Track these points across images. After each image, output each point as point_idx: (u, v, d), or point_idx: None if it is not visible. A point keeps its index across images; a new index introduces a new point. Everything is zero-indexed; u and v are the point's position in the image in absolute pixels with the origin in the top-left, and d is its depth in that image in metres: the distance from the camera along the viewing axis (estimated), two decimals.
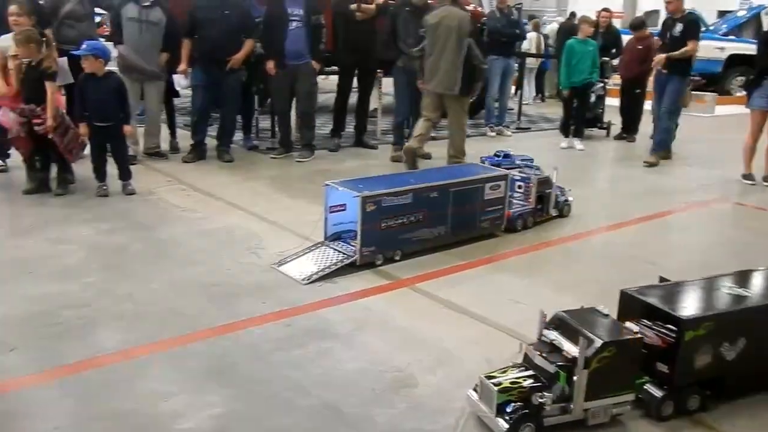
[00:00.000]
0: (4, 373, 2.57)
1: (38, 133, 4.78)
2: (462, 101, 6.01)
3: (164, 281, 3.50)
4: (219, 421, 2.33)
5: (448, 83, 5.79)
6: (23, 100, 4.78)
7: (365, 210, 3.71)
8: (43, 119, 4.74)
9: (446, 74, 5.78)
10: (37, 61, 4.75)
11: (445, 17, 5.77)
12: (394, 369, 2.71)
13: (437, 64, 5.82)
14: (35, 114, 4.74)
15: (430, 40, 5.84)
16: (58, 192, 5.00)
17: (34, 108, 4.75)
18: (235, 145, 6.75)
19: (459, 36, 5.69)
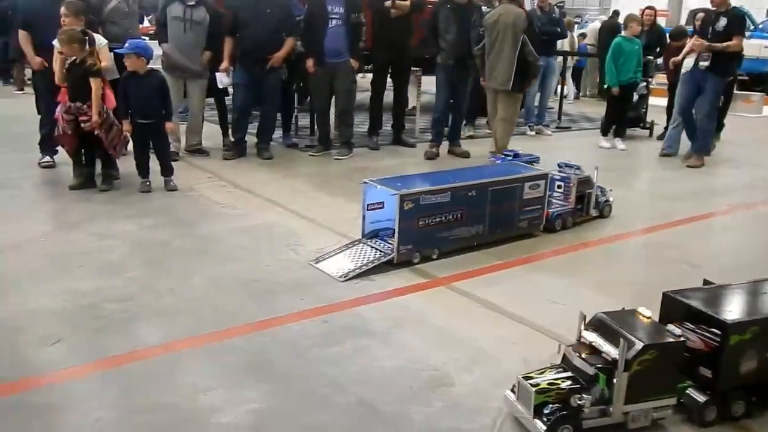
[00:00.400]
0: (48, 365, 2.65)
1: (85, 130, 4.92)
2: (514, 98, 6.36)
3: (204, 277, 3.56)
4: (256, 416, 2.35)
5: (503, 79, 6.16)
6: (69, 98, 4.92)
7: (403, 208, 3.70)
8: (89, 116, 4.87)
9: (502, 71, 6.14)
10: (80, 60, 4.89)
11: (502, 15, 6.13)
12: (431, 367, 2.70)
13: (495, 61, 6.20)
14: (81, 111, 4.88)
15: (489, 38, 6.21)
16: (102, 188, 5.13)
17: (81, 105, 4.88)
18: (274, 143, 6.82)
19: (514, 33, 6.02)
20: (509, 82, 6.11)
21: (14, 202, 4.84)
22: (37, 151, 5.79)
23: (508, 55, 6.07)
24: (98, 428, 2.26)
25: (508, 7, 6.19)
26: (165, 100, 5.16)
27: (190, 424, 2.29)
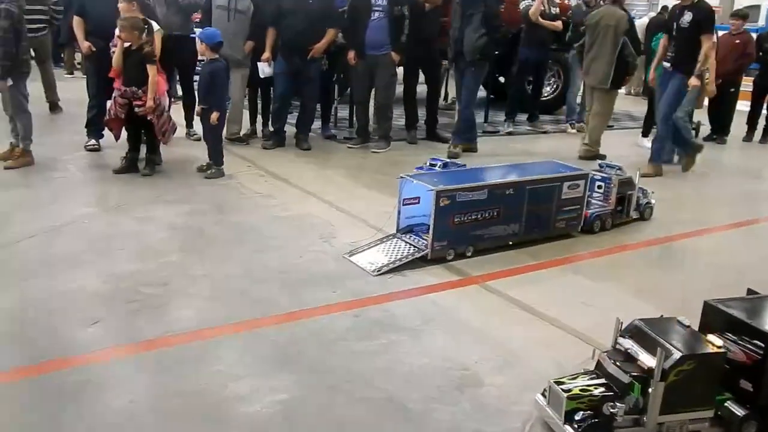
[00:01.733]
0: (86, 345, 2.71)
1: (137, 115, 5.04)
2: (611, 95, 6.73)
3: (238, 265, 3.59)
4: (283, 407, 2.36)
5: (601, 77, 6.51)
6: (124, 82, 5.06)
7: (439, 204, 3.67)
8: (143, 101, 5.00)
9: (600, 69, 6.50)
10: (138, 46, 5.01)
11: (604, 16, 6.52)
12: (460, 367, 2.67)
13: (594, 59, 6.57)
14: (136, 96, 5.01)
15: (589, 38, 6.63)
16: (144, 173, 5.23)
17: (136, 90, 5.01)
18: (313, 134, 6.84)
19: (615, 34, 6.40)
20: (607, 80, 6.48)
21: (60, 184, 4.96)
22: (84, 134, 5.93)
23: (607, 55, 6.43)
24: (131, 410, 2.30)
25: (611, 8, 6.59)
26: (215, 88, 5.24)
27: (218, 412, 2.31)
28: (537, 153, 6.65)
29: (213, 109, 5.22)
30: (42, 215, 4.17)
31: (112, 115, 5.13)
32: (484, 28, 6.07)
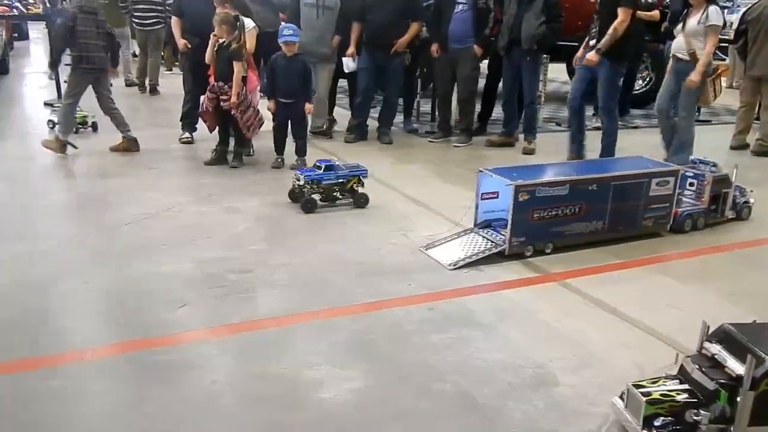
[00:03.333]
0: (175, 326, 2.87)
1: (223, 109, 5.26)
2: None
3: (317, 255, 3.69)
4: (356, 395, 2.41)
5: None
6: (215, 77, 5.29)
7: (518, 199, 3.61)
8: (229, 95, 5.20)
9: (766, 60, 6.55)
10: (227, 42, 5.22)
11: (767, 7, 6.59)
12: (535, 365, 2.63)
13: (759, 50, 6.61)
14: (223, 91, 5.22)
15: (752, 31, 6.67)
16: (233, 165, 5.45)
17: (223, 85, 5.22)
18: (395, 128, 6.90)
19: None
20: None
21: (156, 174, 5.26)
22: (179, 127, 6.25)
23: None
24: (213, 390, 2.42)
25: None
26: (307, 81, 5.41)
27: (295, 397, 2.39)
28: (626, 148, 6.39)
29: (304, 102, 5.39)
30: (140, 203, 4.44)
31: (205, 108, 5.38)
32: (545, 15, 5.87)
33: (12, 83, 9.70)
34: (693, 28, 5.26)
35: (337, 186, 4.49)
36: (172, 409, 2.30)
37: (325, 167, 4.47)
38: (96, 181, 5.09)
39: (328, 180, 4.45)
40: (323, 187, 4.44)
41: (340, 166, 4.56)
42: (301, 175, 4.44)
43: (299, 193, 4.45)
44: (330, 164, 4.53)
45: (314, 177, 4.42)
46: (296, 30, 5.38)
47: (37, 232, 3.93)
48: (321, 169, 4.47)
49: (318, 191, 4.43)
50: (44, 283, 3.23)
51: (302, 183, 4.40)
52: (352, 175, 4.53)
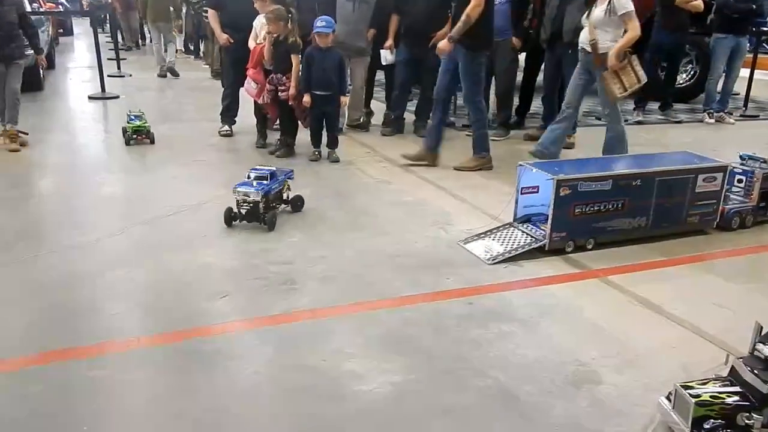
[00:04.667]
0: (216, 317, 2.90)
1: (281, 99, 5.42)
2: None
3: (355, 248, 3.69)
4: (395, 388, 2.40)
5: None
6: (273, 70, 5.40)
7: (559, 193, 3.55)
8: (286, 87, 5.35)
9: None
10: (284, 36, 5.31)
11: None
12: (577, 362, 2.58)
13: None
14: (281, 83, 5.38)
15: None
16: (278, 154, 5.54)
17: (281, 77, 5.37)
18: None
19: None
20: None
21: (195, 166, 5.33)
22: (217, 120, 6.32)
23: None
24: (255, 381, 2.44)
25: None
26: (342, 74, 5.45)
27: (335, 389, 2.39)
28: (669, 144, 6.25)
29: (339, 95, 5.45)
30: (181, 195, 4.50)
31: (267, 100, 5.50)
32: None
33: (58, 78, 9.94)
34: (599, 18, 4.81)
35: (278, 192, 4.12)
36: (215, 398, 2.32)
37: (270, 174, 4.01)
38: (139, 174, 5.18)
39: (275, 189, 4.05)
40: (271, 198, 4.02)
41: (275, 171, 4.11)
42: (252, 190, 3.87)
43: (253, 210, 3.88)
44: (269, 170, 4.05)
45: (267, 188, 3.94)
46: (330, 21, 5.38)
47: (83, 224, 4.01)
48: (266, 179, 3.97)
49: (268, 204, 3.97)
50: (91, 273, 3.30)
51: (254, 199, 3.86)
52: (286, 179, 4.22)
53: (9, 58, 5.57)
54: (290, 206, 4.23)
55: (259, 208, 3.88)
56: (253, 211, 3.89)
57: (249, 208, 3.88)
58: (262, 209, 3.89)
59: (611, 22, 4.77)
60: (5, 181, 4.81)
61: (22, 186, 4.82)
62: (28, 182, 4.97)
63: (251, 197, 3.86)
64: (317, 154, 5.52)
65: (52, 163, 5.40)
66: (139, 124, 5.93)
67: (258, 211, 3.89)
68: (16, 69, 5.66)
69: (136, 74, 10.17)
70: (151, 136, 5.94)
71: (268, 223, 3.88)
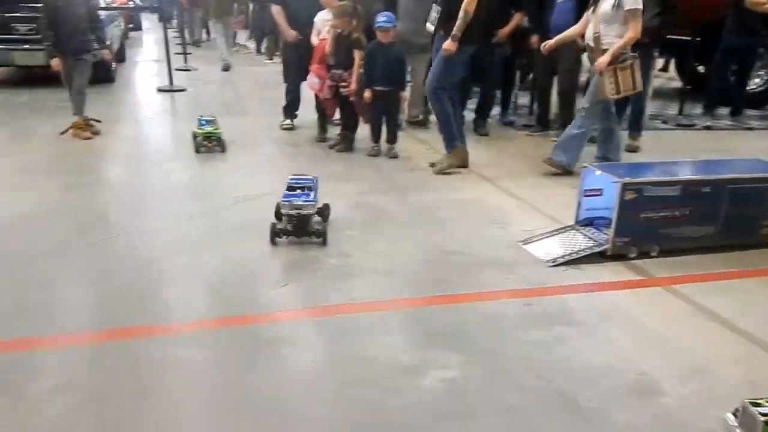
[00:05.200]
0: (277, 305, 2.97)
1: (342, 95, 5.46)
2: None
3: (413, 243, 3.70)
4: (452, 384, 2.40)
5: None
6: (334, 66, 5.43)
7: (623, 197, 3.47)
8: (348, 82, 5.36)
9: None
10: (347, 32, 5.35)
11: None
12: (639, 371, 2.52)
13: None
14: (342, 78, 5.39)
15: None
16: (339, 149, 5.61)
17: (342, 72, 5.39)
18: (491, 120, 6.80)
19: None
20: None
21: (257, 158, 5.45)
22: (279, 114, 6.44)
23: None
24: (313, 369, 2.48)
25: None
26: (404, 70, 5.47)
27: (392, 381, 2.41)
28: (739, 150, 6.02)
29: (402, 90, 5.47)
30: (244, 186, 4.61)
31: (325, 96, 5.55)
32: (660, 6, 5.50)
33: (128, 71, 10.31)
34: (605, 12, 4.70)
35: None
36: (273, 383, 2.38)
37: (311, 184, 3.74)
38: (204, 164, 5.31)
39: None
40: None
41: (313, 179, 3.83)
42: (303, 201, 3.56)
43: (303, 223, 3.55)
44: (309, 179, 3.78)
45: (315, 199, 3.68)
46: (391, 17, 5.40)
47: (151, 211, 4.17)
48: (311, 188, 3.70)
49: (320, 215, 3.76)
50: (158, 258, 3.42)
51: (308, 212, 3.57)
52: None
53: (76, 52, 5.77)
54: (320, 216, 3.82)
55: (310, 222, 3.58)
56: (304, 224, 3.56)
57: (297, 221, 3.54)
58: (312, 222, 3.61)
59: (617, 17, 4.66)
60: (79, 168, 5.03)
61: (95, 173, 5.03)
62: (100, 170, 5.18)
63: (305, 210, 3.53)
64: (376, 150, 5.56)
65: (122, 152, 5.62)
66: (211, 129, 5.49)
67: (308, 225, 3.57)
68: (84, 64, 5.86)
69: (202, 68, 10.45)
70: (222, 144, 5.47)
71: (323, 237, 3.58)
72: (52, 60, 5.68)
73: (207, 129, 5.48)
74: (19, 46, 7.82)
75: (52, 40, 5.62)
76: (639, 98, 6.03)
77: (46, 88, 7.36)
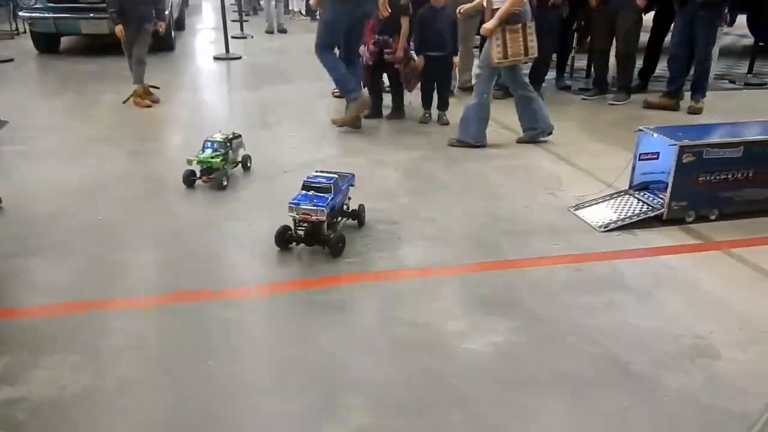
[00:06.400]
0: (330, 269, 3.04)
1: (386, 62, 5.39)
2: None
3: (464, 210, 3.71)
4: (501, 348, 2.43)
5: None
6: (378, 32, 5.38)
7: (681, 160, 3.37)
8: (394, 49, 5.33)
9: None
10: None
11: None
12: (694, 335, 2.49)
13: None
14: (387, 44, 5.35)
15: None
16: (389, 117, 5.57)
17: (387, 38, 5.34)
18: (546, 84, 6.65)
19: None
20: None
21: (308, 127, 5.51)
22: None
23: None
24: (366, 332, 2.54)
25: None
26: (455, 34, 5.38)
27: (441, 345, 2.45)
28: None
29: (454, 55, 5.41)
30: (297, 153, 4.70)
31: (364, 62, 5.52)
32: None
33: (187, 39, 10.53)
34: None
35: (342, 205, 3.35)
36: (328, 346, 2.45)
37: (333, 185, 3.18)
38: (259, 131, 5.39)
39: (339, 202, 3.28)
40: (334, 214, 3.24)
41: (336, 179, 3.26)
42: (313, 206, 3.05)
43: (314, 231, 3.10)
44: (331, 179, 3.23)
45: (332, 204, 3.15)
46: None
47: None
48: (329, 190, 3.15)
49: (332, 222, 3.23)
50: (217, 223, 3.55)
51: (318, 218, 3.06)
52: (348, 187, 3.43)
53: (139, 20, 5.94)
54: (355, 219, 3.46)
55: (322, 229, 3.10)
56: (314, 232, 3.10)
57: (308, 228, 3.11)
58: (326, 229, 3.13)
59: None
60: (140, 135, 5.21)
61: (155, 140, 5.22)
62: (159, 136, 5.37)
63: (313, 216, 3.05)
64: (428, 117, 5.54)
65: (181, 119, 5.79)
66: (211, 157, 3.98)
67: (321, 233, 3.10)
68: (145, 34, 6.03)
69: (257, 36, 10.58)
70: (219, 179, 3.96)
71: (332, 248, 3.09)
72: (116, 26, 5.88)
73: (205, 156, 3.99)
74: (85, 15, 8.14)
75: (116, 8, 5.80)
76: (704, 60, 5.78)
77: (111, 56, 7.62)
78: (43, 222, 3.50)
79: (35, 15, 8.24)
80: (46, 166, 4.43)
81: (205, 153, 4.03)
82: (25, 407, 2.09)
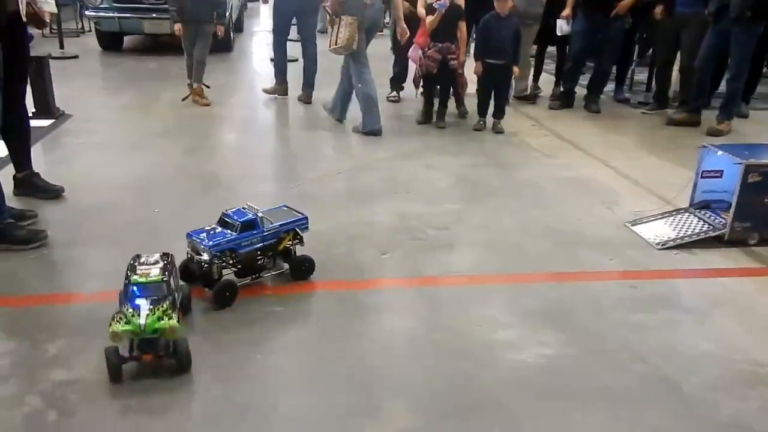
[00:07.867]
0: (378, 272, 3.05)
1: (449, 68, 5.36)
2: None
3: (516, 219, 3.66)
4: (549, 361, 2.38)
5: None
6: (440, 39, 5.34)
7: (746, 180, 3.25)
8: (456, 55, 5.30)
9: None
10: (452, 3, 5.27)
11: None
12: (752, 362, 2.39)
13: None
14: (450, 51, 5.32)
15: None
16: (440, 125, 5.57)
17: (450, 45, 5.32)
18: (604, 96, 6.53)
19: None
20: None
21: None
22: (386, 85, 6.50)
23: None
24: (410, 336, 2.53)
25: None
26: (518, 43, 5.33)
27: (486, 354, 2.42)
28: None
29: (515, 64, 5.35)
30: (348, 157, 4.75)
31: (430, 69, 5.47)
32: None
33: (245, 41, 10.75)
34: None
35: (263, 251, 2.81)
36: (371, 347, 2.45)
37: (243, 225, 2.71)
38: (313, 132, 5.48)
39: (248, 246, 2.75)
40: (241, 258, 2.74)
41: (263, 219, 2.80)
42: (201, 244, 2.65)
43: (201, 273, 2.70)
44: (249, 218, 2.75)
45: (225, 245, 2.68)
46: None
47: (262, 175, 4.39)
48: (235, 228, 2.71)
49: (233, 265, 2.73)
50: None
51: (206, 258, 2.63)
52: (286, 230, 2.88)
53: (199, 21, 6.07)
54: (290, 269, 2.90)
55: (212, 273, 2.67)
56: (207, 273, 2.68)
57: (202, 268, 2.68)
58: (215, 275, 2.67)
59: None
60: (198, 133, 5.34)
61: (212, 138, 5.34)
62: (216, 135, 5.48)
63: (203, 255, 2.65)
64: (482, 124, 5.50)
65: (237, 119, 5.91)
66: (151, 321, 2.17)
67: (211, 276, 2.68)
68: (206, 35, 6.16)
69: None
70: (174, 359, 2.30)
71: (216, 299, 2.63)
72: (175, 25, 6.04)
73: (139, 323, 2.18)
74: (148, 15, 8.47)
75: (177, 7, 5.96)
76: (735, 78, 5.49)
77: (172, 56, 7.84)
78: (100, 211, 3.61)
79: (101, 14, 8.61)
80: (106, 158, 4.59)
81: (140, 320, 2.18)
82: (78, 389, 2.15)
